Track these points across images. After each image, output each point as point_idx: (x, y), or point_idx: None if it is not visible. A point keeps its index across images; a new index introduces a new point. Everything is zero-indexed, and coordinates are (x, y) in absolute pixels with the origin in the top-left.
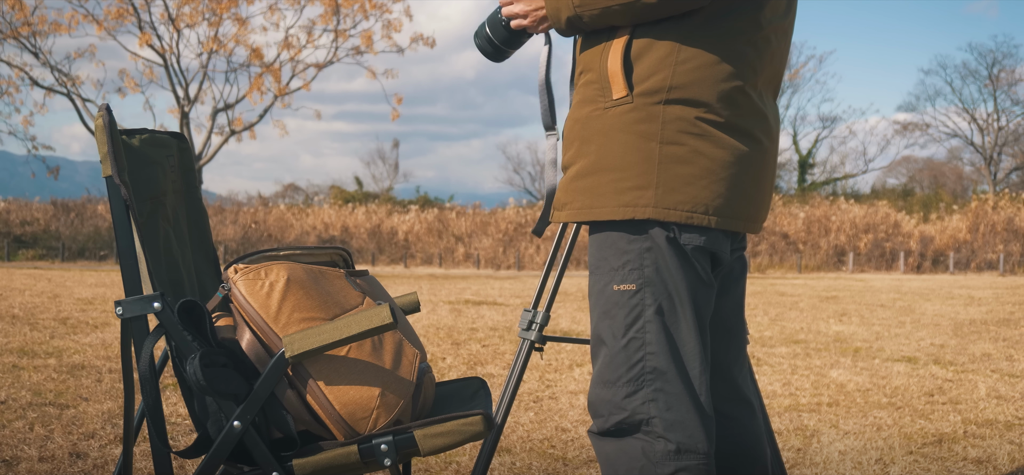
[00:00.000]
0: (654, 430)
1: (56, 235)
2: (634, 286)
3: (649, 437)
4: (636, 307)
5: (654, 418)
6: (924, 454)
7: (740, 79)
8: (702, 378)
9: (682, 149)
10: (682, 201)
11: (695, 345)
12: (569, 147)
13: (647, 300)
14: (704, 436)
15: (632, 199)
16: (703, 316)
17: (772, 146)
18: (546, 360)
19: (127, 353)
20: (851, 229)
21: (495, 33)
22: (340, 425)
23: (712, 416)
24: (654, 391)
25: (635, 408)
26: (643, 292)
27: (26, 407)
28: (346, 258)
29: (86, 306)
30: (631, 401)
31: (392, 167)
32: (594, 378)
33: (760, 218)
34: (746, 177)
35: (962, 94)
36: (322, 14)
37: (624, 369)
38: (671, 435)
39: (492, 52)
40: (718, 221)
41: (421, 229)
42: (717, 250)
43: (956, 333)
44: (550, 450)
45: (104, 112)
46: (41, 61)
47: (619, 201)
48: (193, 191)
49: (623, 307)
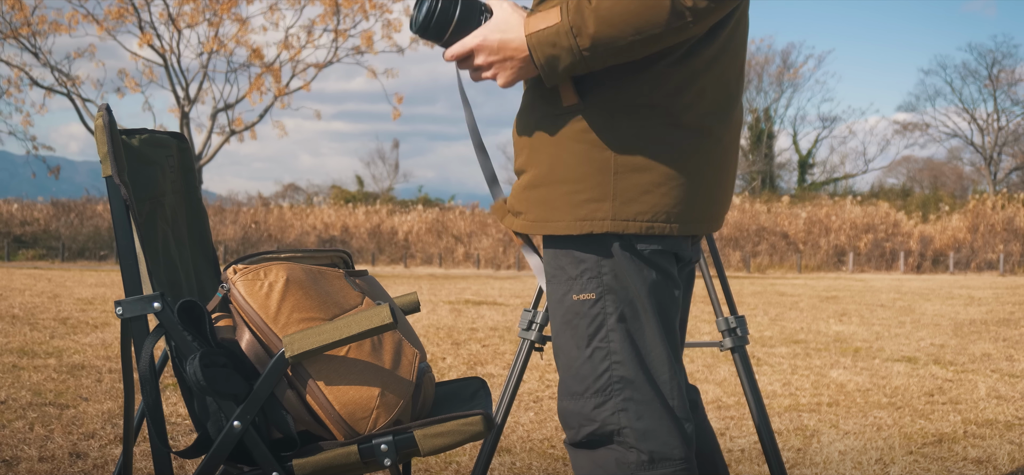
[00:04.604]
0: (626, 441)
1: (56, 235)
2: (594, 295)
3: (622, 448)
4: (598, 316)
5: (625, 428)
6: (924, 454)
7: (696, 76)
8: (672, 383)
9: (637, 157)
10: (641, 211)
11: (661, 350)
12: (520, 152)
13: (608, 308)
14: (679, 441)
15: (588, 212)
16: (669, 318)
17: (733, 139)
18: (546, 360)
19: (127, 353)
20: (851, 229)
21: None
22: (340, 425)
23: (688, 419)
24: (623, 401)
25: (605, 419)
26: (603, 300)
27: (26, 407)
28: (346, 260)
29: (86, 306)
30: (600, 412)
31: (392, 167)
32: (561, 389)
33: (722, 215)
34: (707, 177)
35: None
36: (322, 14)
37: (591, 380)
38: (643, 445)
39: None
40: (680, 228)
41: (421, 229)
42: (678, 250)
43: (956, 333)
44: (550, 450)
45: (104, 112)
46: (41, 61)
47: (575, 215)
48: (193, 191)
49: (584, 317)
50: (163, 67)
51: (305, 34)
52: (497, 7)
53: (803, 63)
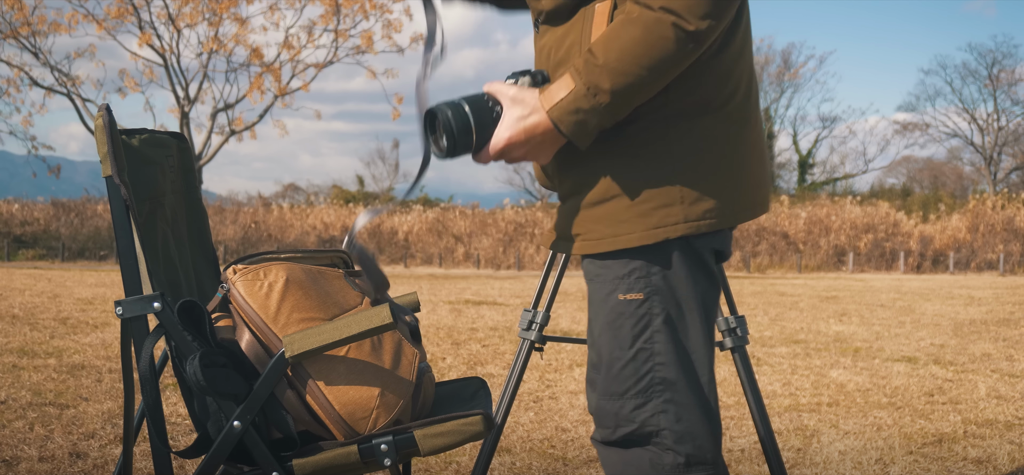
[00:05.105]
0: (664, 442)
1: (56, 235)
2: (641, 295)
3: (658, 449)
4: (644, 317)
5: (664, 430)
6: (924, 454)
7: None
8: (711, 384)
9: (696, 156)
10: (709, 209)
11: (704, 352)
12: (568, 173)
13: (655, 309)
14: (713, 443)
15: (660, 219)
16: (712, 318)
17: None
18: (546, 360)
19: (127, 353)
20: (851, 229)
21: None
22: (340, 425)
23: (719, 420)
24: (664, 402)
25: (644, 420)
26: (651, 301)
27: (26, 407)
28: (346, 260)
29: (86, 306)
30: (640, 413)
31: (392, 167)
32: (600, 389)
33: (769, 197)
34: (754, 162)
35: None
36: (322, 14)
37: (632, 381)
38: (681, 447)
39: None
40: (745, 214)
41: (421, 229)
42: (724, 246)
43: (956, 333)
44: (550, 450)
45: (104, 112)
46: (41, 61)
47: (647, 224)
48: (193, 191)
49: (630, 317)
50: (163, 67)
51: (305, 34)
52: (498, 93)
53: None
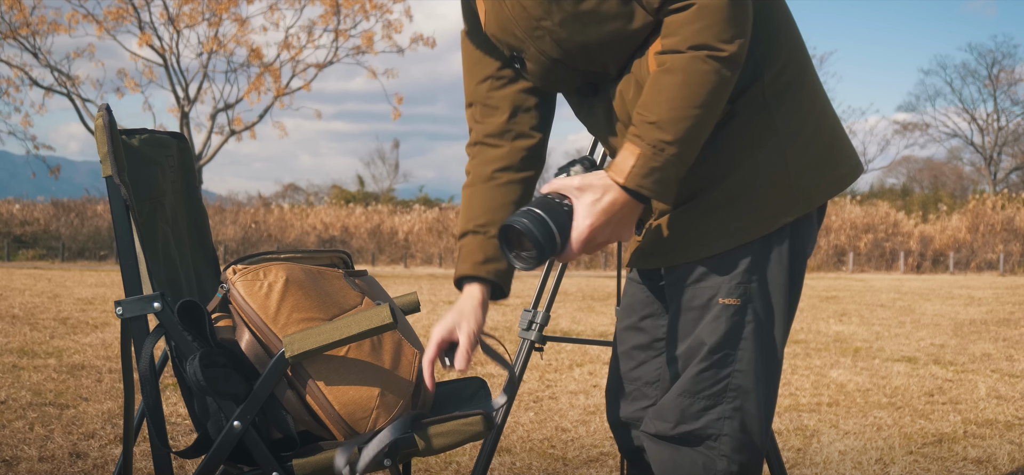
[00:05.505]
0: (721, 448)
1: (56, 235)
2: (738, 301)
3: (713, 453)
4: (737, 324)
5: (725, 436)
6: (924, 454)
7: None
8: (776, 393)
9: (801, 134)
10: (820, 187)
11: (779, 362)
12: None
13: (748, 316)
14: (762, 456)
15: (778, 209)
16: (792, 317)
17: None
18: (546, 360)
19: (127, 353)
20: (851, 229)
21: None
22: (340, 425)
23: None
24: (733, 409)
25: (709, 422)
26: (746, 308)
27: (26, 407)
28: (346, 260)
29: (86, 306)
30: (706, 415)
31: (392, 167)
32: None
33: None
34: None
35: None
36: (322, 14)
37: (709, 383)
38: (737, 456)
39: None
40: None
41: (421, 229)
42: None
43: (956, 333)
44: (550, 450)
45: (104, 112)
46: (41, 61)
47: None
48: (193, 191)
49: (726, 322)
50: (163, 67)
51: (305, 34)
52: (562, 188)
53: None
